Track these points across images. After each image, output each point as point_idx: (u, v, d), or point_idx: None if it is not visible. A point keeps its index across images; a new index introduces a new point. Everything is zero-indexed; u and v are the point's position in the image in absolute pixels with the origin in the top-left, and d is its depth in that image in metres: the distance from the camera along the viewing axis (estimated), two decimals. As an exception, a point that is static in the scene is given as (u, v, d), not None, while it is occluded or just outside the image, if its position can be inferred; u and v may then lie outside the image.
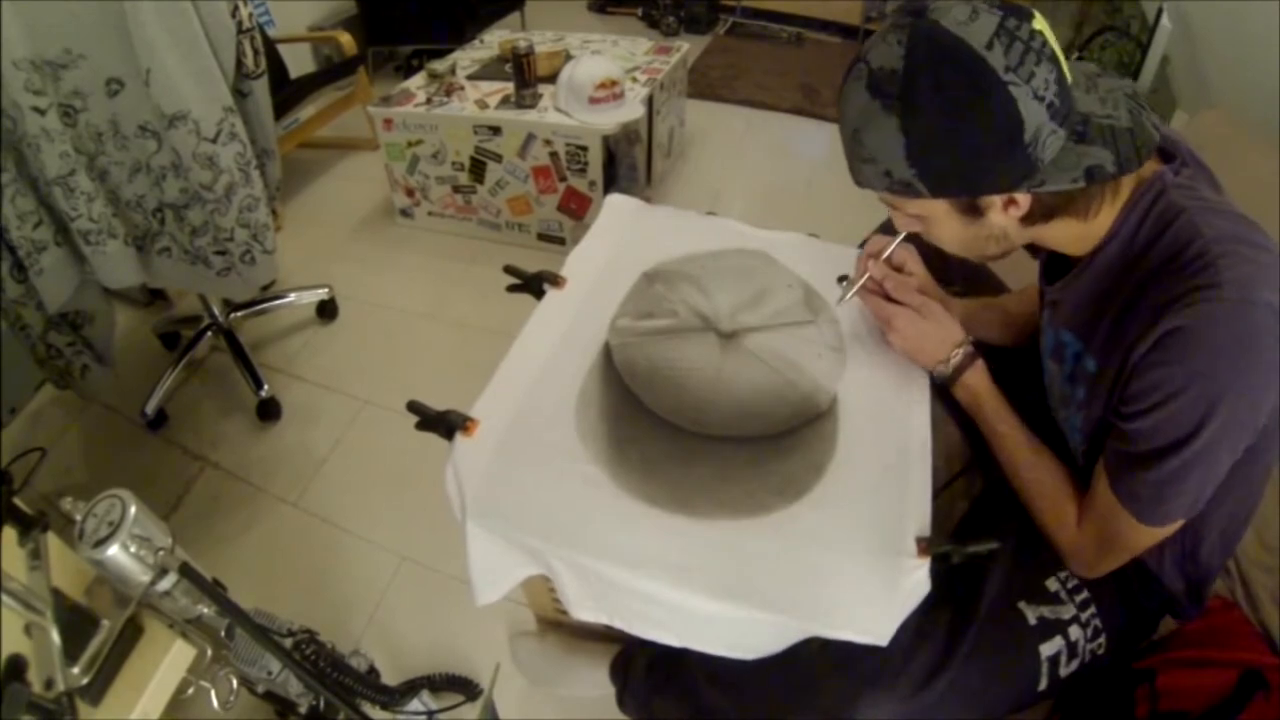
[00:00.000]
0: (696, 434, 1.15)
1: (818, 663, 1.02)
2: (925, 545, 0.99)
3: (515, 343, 1.30)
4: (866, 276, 1.25)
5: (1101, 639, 1.08)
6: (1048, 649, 1.05)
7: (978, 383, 1.18)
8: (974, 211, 0.93)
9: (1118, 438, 0.93)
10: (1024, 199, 0.89)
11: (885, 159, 0.89)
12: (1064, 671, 1.06)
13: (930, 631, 1.01)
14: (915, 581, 0.96)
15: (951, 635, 1.02)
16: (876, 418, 1.20)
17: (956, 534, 1.26)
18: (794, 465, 1.12)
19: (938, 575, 0.97)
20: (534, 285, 1.43)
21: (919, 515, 1.05)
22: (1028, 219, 0.93)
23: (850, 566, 0.99)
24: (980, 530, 1.05)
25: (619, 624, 1.06)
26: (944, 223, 0.97)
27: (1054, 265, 1.08)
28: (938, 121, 0.84)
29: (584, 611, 1.06)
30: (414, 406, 1.18)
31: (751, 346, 1.26)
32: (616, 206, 1.61)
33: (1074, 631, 1.06)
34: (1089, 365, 0.99)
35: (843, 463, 1.13)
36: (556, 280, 1.42)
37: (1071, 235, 0.97)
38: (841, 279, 1.33)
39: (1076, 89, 0.87)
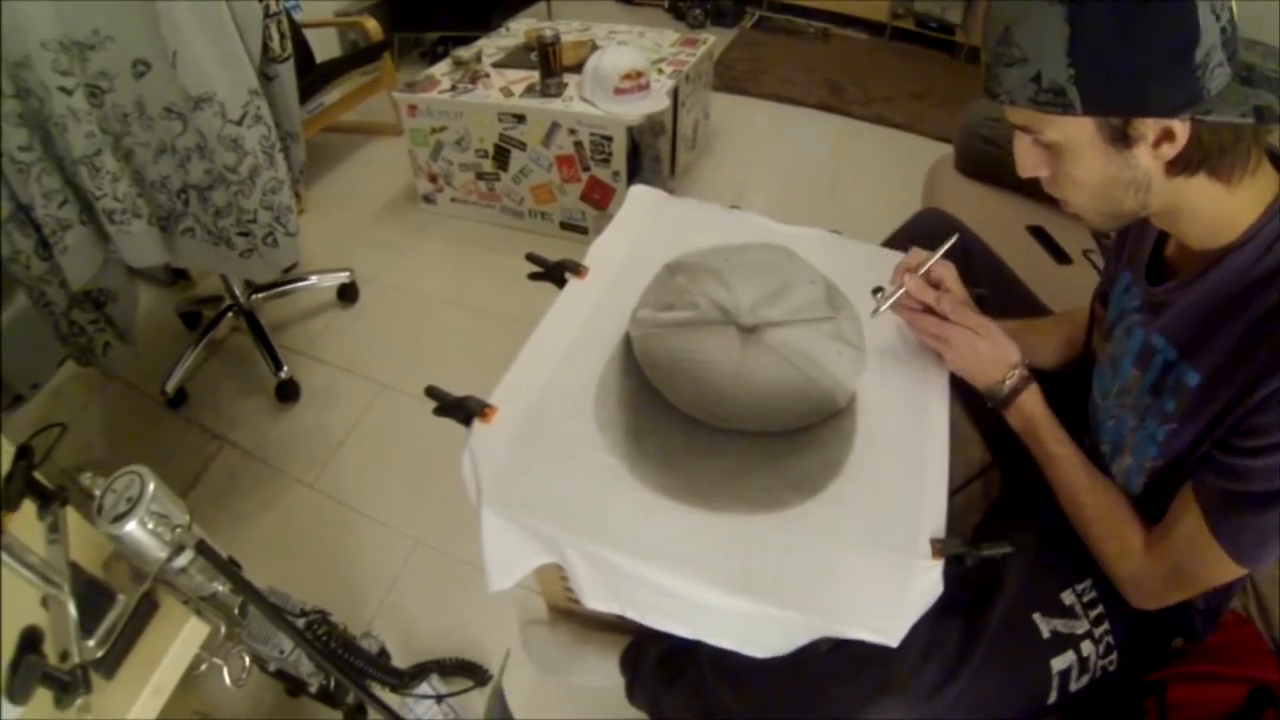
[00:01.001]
0: (715, 427, 1.15)
1: (828, 667, 1.02)
2: (939, 547, 0.98)
3: (535, 331, 1.30)
4: (902, 290, 1.20)
5: (1114, 655, 1.07)
6: (1059, 663, 1.04)
7: (1033, 406, 1.13)
8: (1122, 141, 0.83)
9: (1222, 473, 0.87)
10: (1182, 132, 0.80)
11: (1040, 57, 0.80)
12: (1074, 686, 1.05)
13: (942, 641, 1.00)
14: (928, 583, 0.96)
15: (963, 645, 1.01)
16: (894, 417, 1.19)
17: (972, 538, 1.25)
18: (811, 462, 1.11)
19: (951, 581, 0.96)
20: (555, 274, 1.43)
21: (934, 517, 1.04)
22: (1175, 165, 0.84)
23: (863, 565, 0.98)
24: (996, 534, 1.03)
25: (631, 614, 1.06)
26: (1085, 154, 0.87)
27: (1154, 268, 1.04)
28: (1111, 13, 0.75)
29: (597, 601, 1.06)
30: (432, 392, 1.17)
31: (772, 341, 1.25)
32: (639, 197, 1.61)
33: (1086, 647, 1.05)
34: (1188, 379, 0.92)
35: (859, 461, 1.12)
36: (578, 269, 1.42)
37: (1207, 213, 0.89)
38: (876, 291, 1.29)
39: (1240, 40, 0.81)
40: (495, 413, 1.15)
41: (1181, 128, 0.80)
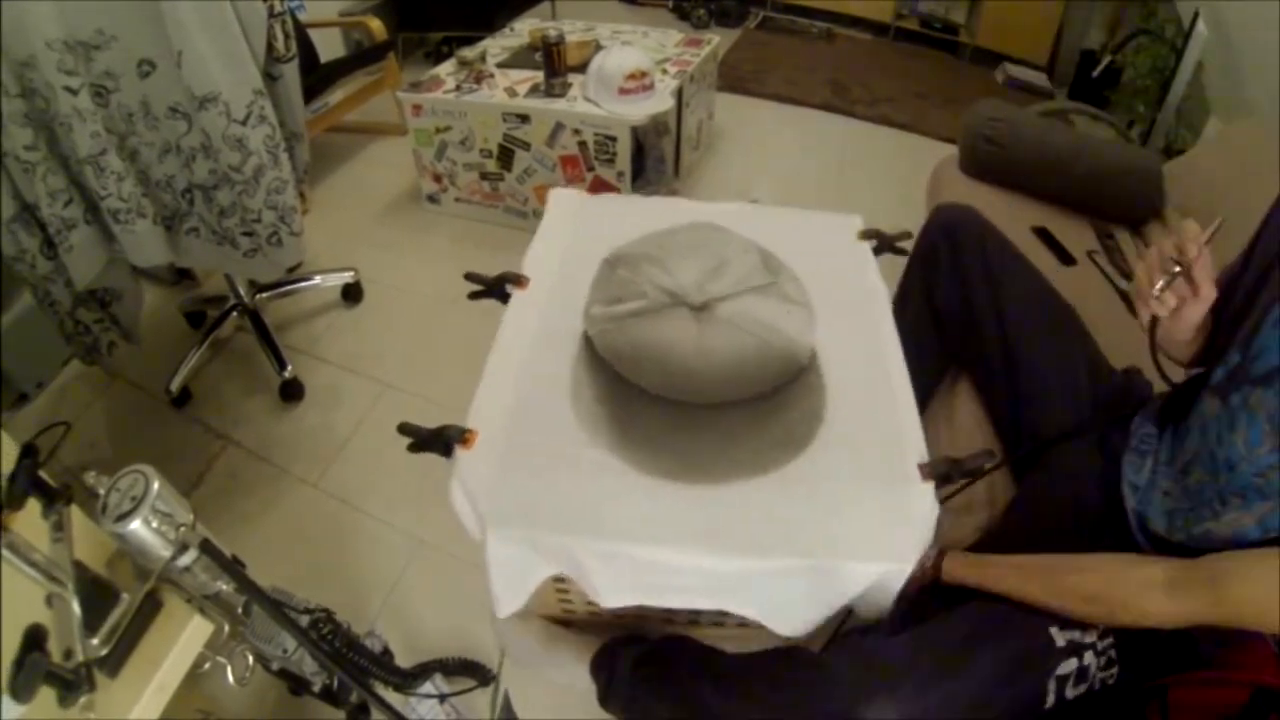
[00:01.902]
0: (696, 405, 1.18)
1: (819, 663, 1.02)
2: (928, 470, 1.06)
3: (492, 350, 1.31)
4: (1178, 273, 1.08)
5: (1114, 670, 1.07)
6: (1060, 669, 1.04)
7: (955, 570, 1.15)
8: None
9: None
10: None
11: None
12: (1071, 694, 1.05)
13: (936, 639, 1.01)
14: (927, 505, 1.03)
15: (959, 645, 1.01)
16: (855, 363, 1.26)
17: (980, 542, 1.25)
18: (791, 418, 1.17)
19: (950, 591, 0.98)
20: (497, 289, 1.45)
21: (914, 442, 1.12)
22: None
23: (864, 501, 1.04)
24: (1013, 536, 1.04)
25: (650, 601, 1.07)
26: None
27: None
28: None
29: (614, 599, 1.07)
30: (405, 429, 1.18)
31: (723, 315, 1.26)
32: (561, 200, 1.64)
33: (1088, 656, 1.05)
34: None
35: (835, 408, 1.18)
36: (519, 280, 1.44)
37: None
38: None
39: None
40: (476, 437, 1.15)
41: None
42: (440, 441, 1.14)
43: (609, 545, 1.02)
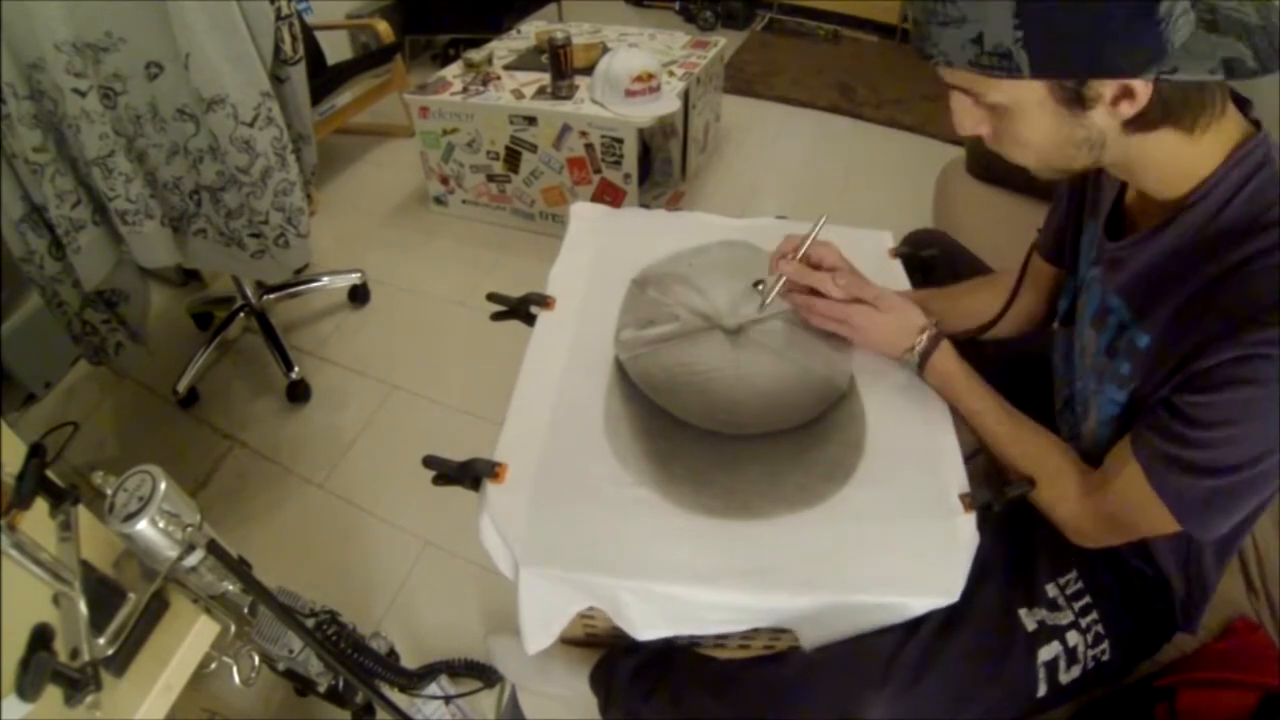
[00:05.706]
0: (736, 436, 1.13)
1: (809, 664, 1.02)
2: (970, 500, 1.03)
3: (520, 375, 1.23)
4: (782, 279, 1.20)
5: (1105, 645, 1.06)
6: (1044, 654, 1.03)
7: (946, 364, 1.13)
8: (1076, 103, 0.76)
9: (1169, 437, 0.83)
10: (1143, 90, 0.73)
11: (981, 18, 0.72)
12: (1064, 678, 1.04)
13: (917, 630, 1.00)
14: (968, 535, 1.00)
15: (939, 634, 1.00)
16: (892, 389, 1.21)
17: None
18: (834, 449, 1.12)
19: None
20: (522, 310, 1.37)
21: (955, 472, 1.09)
22: (1134, 122, 0.76)
23: (908, 535, 1.02)
24: (989, 522, 1.04)
25: (685, 632, 1.05)
26: (1033, 117, 0.79)
27: (1114, 220, 0.99)
28: None
29: (650, 632, 1.04)
30: (431, 461, 1.10)
31: (759, 338, 1.25)
32: (583, 215, 1.57)
33: (1072, 637, 1.04)
34: (1139, 340, 0.87)
35: (877, 438, 1.14)
36: (545, 301, 1.36)
37: (1167, 164, 0.82)
38: (757, 284, 1.30)
39: None
40: (506, 470, 1.08)
41: (1143, 86, 0.73)
42: (469, 475, 1.08)
43: (650, 585, 0.98)
